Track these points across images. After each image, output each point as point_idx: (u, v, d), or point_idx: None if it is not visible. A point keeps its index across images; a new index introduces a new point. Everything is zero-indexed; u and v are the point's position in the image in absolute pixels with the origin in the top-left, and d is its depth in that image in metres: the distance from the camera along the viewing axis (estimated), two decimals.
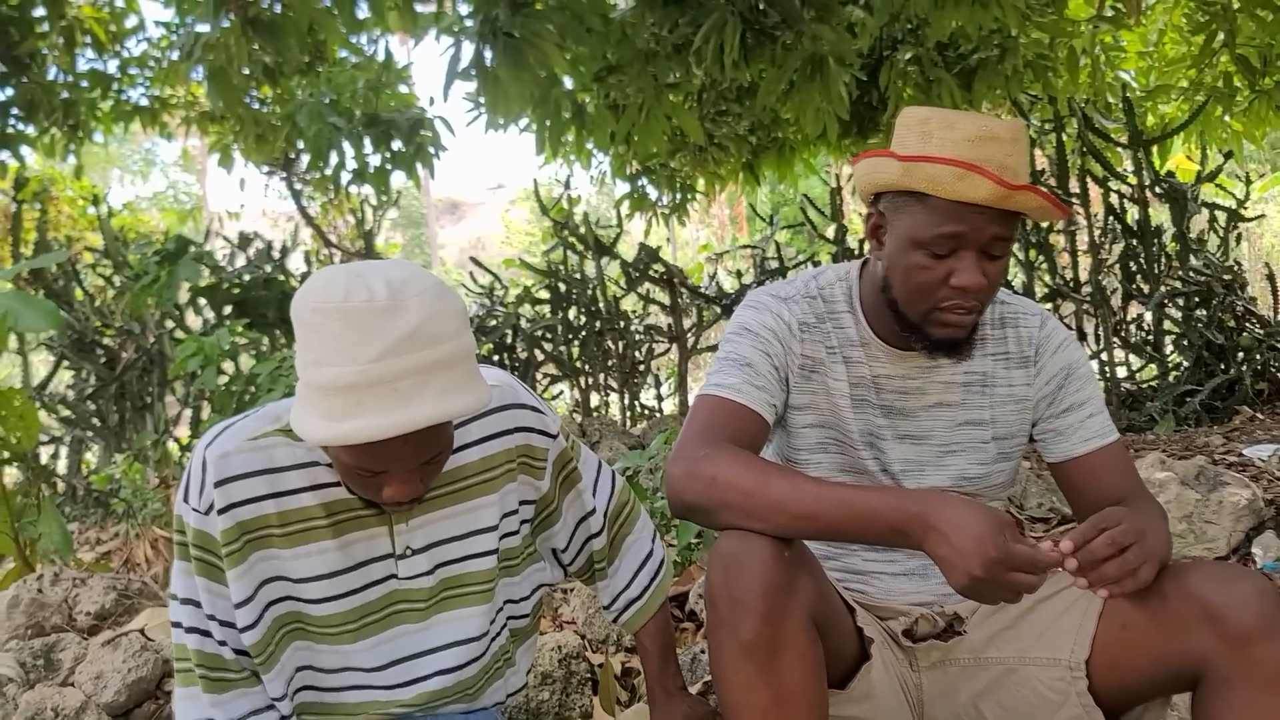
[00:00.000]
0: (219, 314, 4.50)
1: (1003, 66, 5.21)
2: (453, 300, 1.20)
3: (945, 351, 1.49)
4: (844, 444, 1.57)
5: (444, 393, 1.15)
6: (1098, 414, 1.57)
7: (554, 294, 6.31)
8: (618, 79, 4.78)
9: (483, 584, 1.43)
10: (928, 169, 1.38)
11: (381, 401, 1.12)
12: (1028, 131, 1.47)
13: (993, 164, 1.36)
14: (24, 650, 2.20)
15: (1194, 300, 5.17)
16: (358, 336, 1.12)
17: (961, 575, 1.19)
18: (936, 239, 1.40)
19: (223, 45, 3.63)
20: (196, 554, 1.32)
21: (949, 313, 1.44)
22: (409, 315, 1.13)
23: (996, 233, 1.40)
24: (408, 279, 1.17)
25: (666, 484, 1.40)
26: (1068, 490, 1.58)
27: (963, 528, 1.19)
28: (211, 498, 1.30)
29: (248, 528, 1.31)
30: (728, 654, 1.29)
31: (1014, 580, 1.18)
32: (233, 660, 1.36)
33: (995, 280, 1.44)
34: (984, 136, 1.37)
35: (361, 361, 1.12)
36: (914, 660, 1.57)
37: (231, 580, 1.31)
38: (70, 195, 6.91)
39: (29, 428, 3.31)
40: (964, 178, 1.35)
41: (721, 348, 1.56)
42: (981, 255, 1.41)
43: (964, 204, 1.37)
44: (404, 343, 1.13)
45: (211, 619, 1.34)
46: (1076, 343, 1.63)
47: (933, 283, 1.42)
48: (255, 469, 1.31)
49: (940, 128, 1.40)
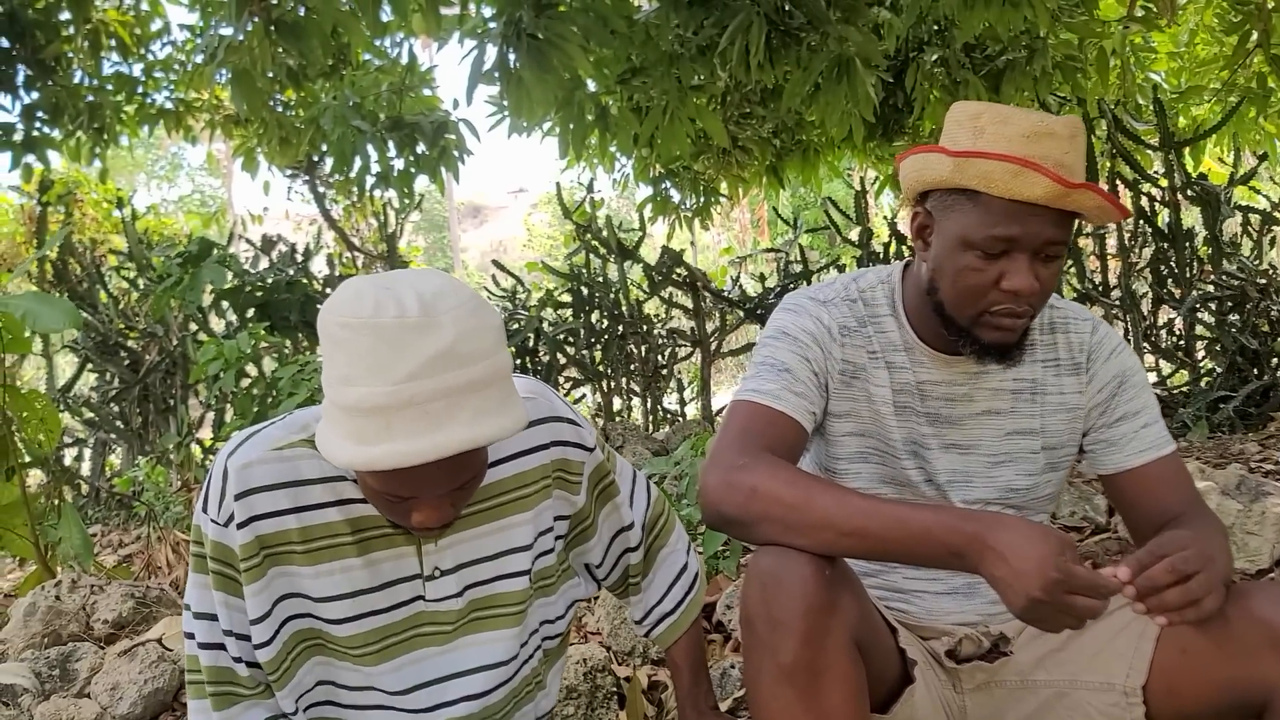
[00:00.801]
0: (241, 317, 4.48)
1: (1031, 68, 5.13)
2: (488, 315, 1.14)
3: (995, 357, 1.43)
4: (885, 454, 1.50)
5: (479, 415, 1.09)
6: (1153, 424, 1.50)
7: (576, 297, 6.26)
8: (642, 81, 4.73)
9: (514, 606, 1.37)
10: (981, 165, 1.31)
11: (412, 425, 1.06)
12: (1084, 126, 1.39)
13: (1049, 161, 1.30)
14: (39, 660, 2.16)
15: (1227, 304, 5.06)
16: (387, 354, 1.06)
17: (1020, 597, 1.13)
18: (989, 240, 1.33)
19: (246, 48, 3.61)
20: (214, 567, 1.27)
21: (1000, 316, 1.37)
22: (442, 332, 1.07)
23: (1052, 235, 1.33)
24: (440, 292, 1.11)
25: (701, 494, 1.34)
26: (1121, 504, 1.51)
27: (1022, 549, 1.13)
28: (231, 510, 1.25)
29: (268, 542, 1.26)
30: (766, 678, 1.23)
31: (1075, 604, 1.12)
32: (246, 676, 1.31)
33: (1049, 284, 1.37)
34: (1040, 132, 1.31)
35: (391, 382, 1.06)
36: (957, 682, 1.51)
37: (249, 595, 1.27)
38: (95, 198, 6.94)
39: (50, 430, 3.30)
40: (1019, 175, 1.29)
41: (758, 351, 1.50)
42: (1035, 258, 1.35)
43: (1019, 203, 1.31)
44: (436, 362, 1.06)
45: (229, 634, 1.29)
46: (1130, 349, 1.56)
47: (983, 285, 1.36)
48: (279, 481, 1.26)
49: (993, 123, 1.34)
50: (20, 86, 5.10)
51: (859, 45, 4.43)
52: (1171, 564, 1.15)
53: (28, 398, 3.21)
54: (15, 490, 3.19)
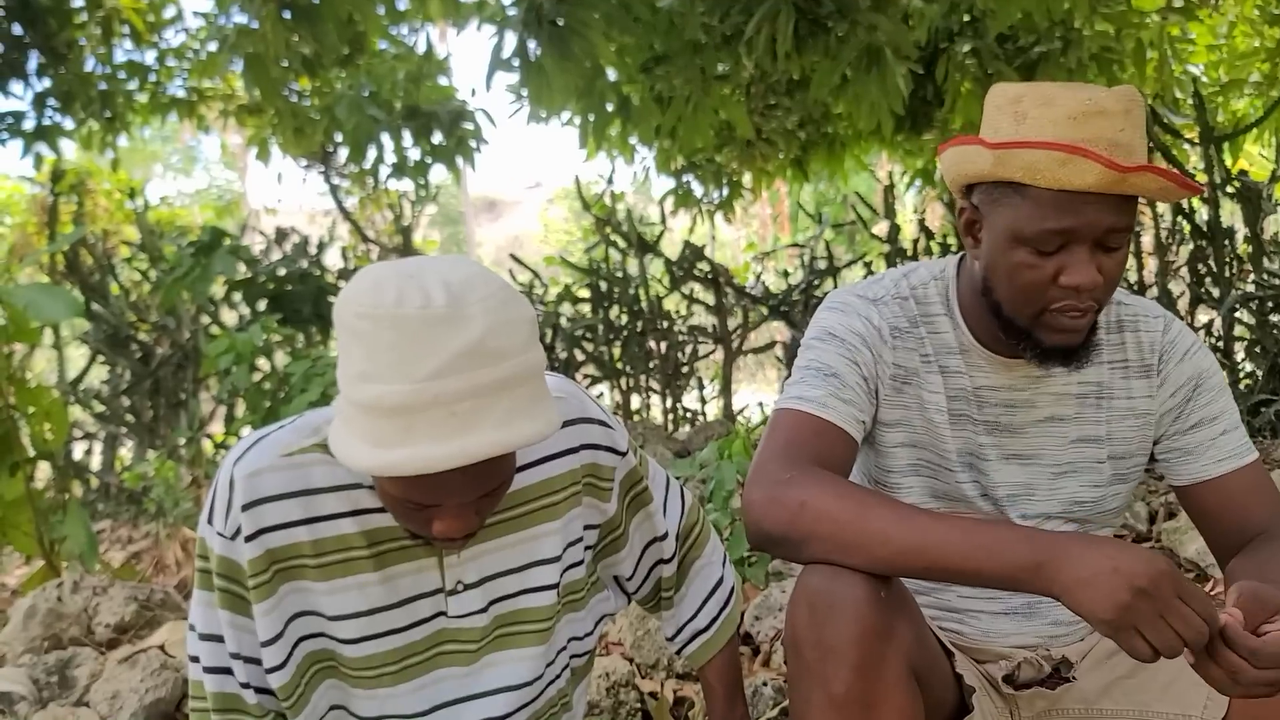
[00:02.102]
0: (253, 309, 4.39)
1: (1066, 59, 4.99)
2: (520, 307, 1.03)
3: (1059, 359, 1.30)
4: (939, 466, 1.38)
5: (509, 417, 0.99)
6: (1232, 430, 1.37)
7: (595, 293, 6.17)
8: (664, 70, 4.63)
9: (541, 622, 1.27)
10: (1024, 155, 1.19)
11: (436, 427, 0.97)
12: (1141, 97, 1.25)
13: (1101, 143, 1.17)
14: (38, 666, 2.07)
15: (1268, 305, 4.91)
16: (410, 349, 0.97)
17: (1120, 591, 0.99)
18: (1042, 234, 1.21)
19: (260, 33, 3.51)
20: (220, 584, 1.17)
21: (1062, 315, 1.25)
22: (470, 326, 0.98)
23: (1113, 223, 1.20)
24: (469, 282, 1.00)
25: (745, 511, 1.22)
26: (1199, 517, 1.38)
27: (1113, 550, 1.02)
28: (239, 522, 1.14)
29: (278, 556, 1.15)
30: (815, 709, 1.12)
31: (1184, 610, 0.98)
32: (254, 704, 1.20)
33: (1113, 276, 1.24)
34: (1088, 112, 1.18)
35: (414, 380, 0.96)
36: (1015, 709, 1.39)
37: (258, 615, 1.16)
38: (107, 189, 6.88)
39: (58, 426, 3.22)
40: (1067, 163, 1.16)
41: (803, 354, 1.37)
42: (1096, 248, 1.22)
43: (1071, 193, 1.19)
44: (464, 358, 0.97)
45: (235, 657, 1.18)
46: (1206, 349, 1.43)
47: (1041, 282, 1.23)
48: (289, 490, 1.15)
49: (1036, 105, 1.21)
50: (32, 74, 5.04)
51: (889, 34, 4.31)
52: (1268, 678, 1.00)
53: (35, 392, 3.13)
54: (20, 486, 3.11)
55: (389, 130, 4.51)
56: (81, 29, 4.98)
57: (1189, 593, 0.99)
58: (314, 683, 1.22)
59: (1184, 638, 0.99)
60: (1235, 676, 0.99)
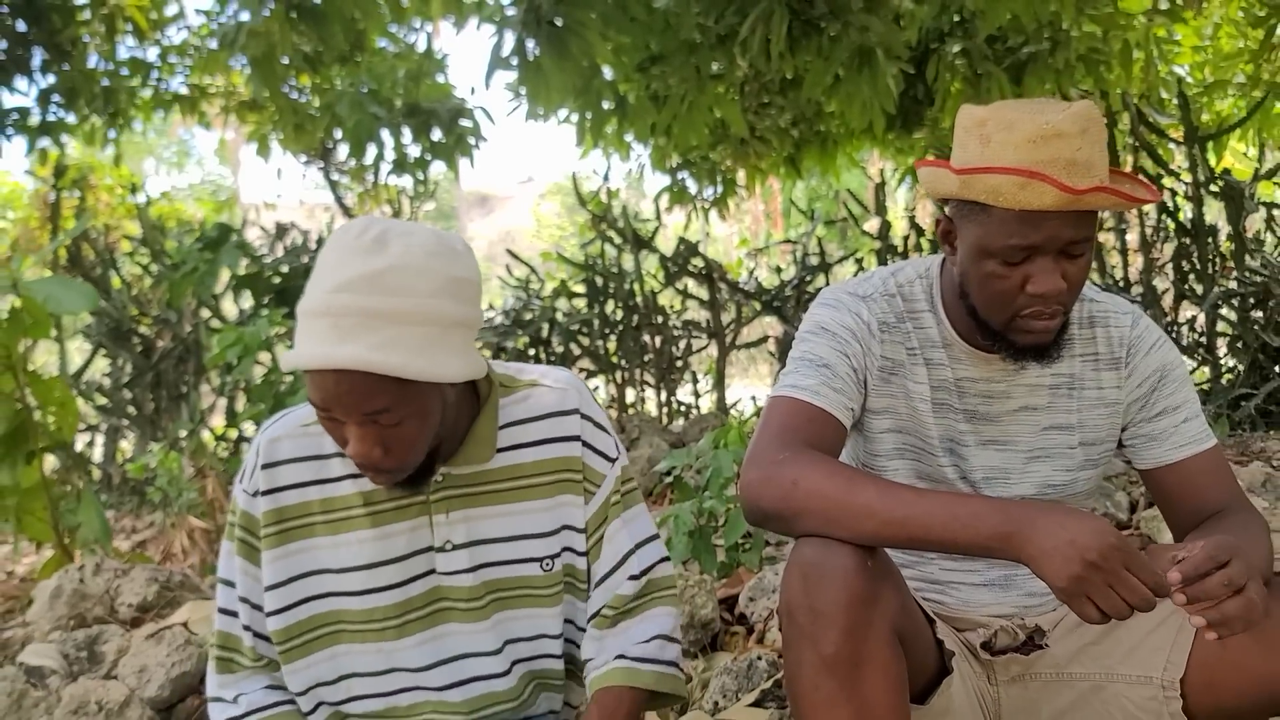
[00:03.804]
0: (259, 303, 4.49)
1: (1054, 60, 5.11)
2: (449, 265, 1.17)
3: (1032, 357, 1.42)
4: (922, 450, 1.49)
5: (385, 344, 1.11)
6: (1194, 418, 1.48)
7: (591, 288, 6.26)
8: (660, 69, 4.72)
9: (544, 589, 1.37)
10: (987, 180, 1.30)
11: (323, 334, 1.11)
12: (1098, 111, 1.35)
13: (1059, 164, 1.27)
14: (67, 642, 2.17)
15: (1250, 301, 5.03)
16: (331, 267, 1.14)
17: (1074, 563, 1.10)
18: (1007, 249, 1.32)
19: (266, 33, 3.60)
20: (239, 534, 1.33)
21: (1031, 320, 1.36)
22: (381, 259, 1.12)
23: (1072, 236, 1.31)
24: (412, 233, 1.16)
25: (742, 490, 1.33)
26: (1161, 498, 1.50)
27: (1073, 521, 1.12)
28: (258, 481, 1.31)
29: (288, 514, 1.31)
30: (808, 668, 1.22)
31: (1130, 580, 1.09)
32: (249, 646, 1.35)
33: (1077, 280, 1.35)
34: (1046, 135, 1.28)
35: (322, 290, 1.13)
36: (992, 674, 1.50)
37: (265, 562, 1.31)
38: (109, 184, 6.95)
39: (69, 417, 3.32)
40: (1026, 186, 1.27)
41: (797, 347, 1.48)
42: (1060, 257, 1.33)
43: (1037, 212, 1.29)
44: (362, 281, 1.11)
45: (243, 601, 1.34)
46: (1171, 344, 1.54)
47: (1009, 291, 1.35)
48: (303, 455, 1.32)
49: (998, 130, 1.31)
50: (36, 70, 5.11)
51: (881, 35, 4.41)
52: (1228, 576, 1.11)
53: (48, 384, 3.22)
54: (35, 474, 3.21)
55: (389, 127, 4.60)
56: (85, 26, 5.05)
57: (1137, 564, 1.10)
58: (317, 644, 1.33)
59: (1130, 604, 1.10)
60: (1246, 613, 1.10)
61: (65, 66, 5.07)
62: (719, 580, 2.63)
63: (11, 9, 4.89)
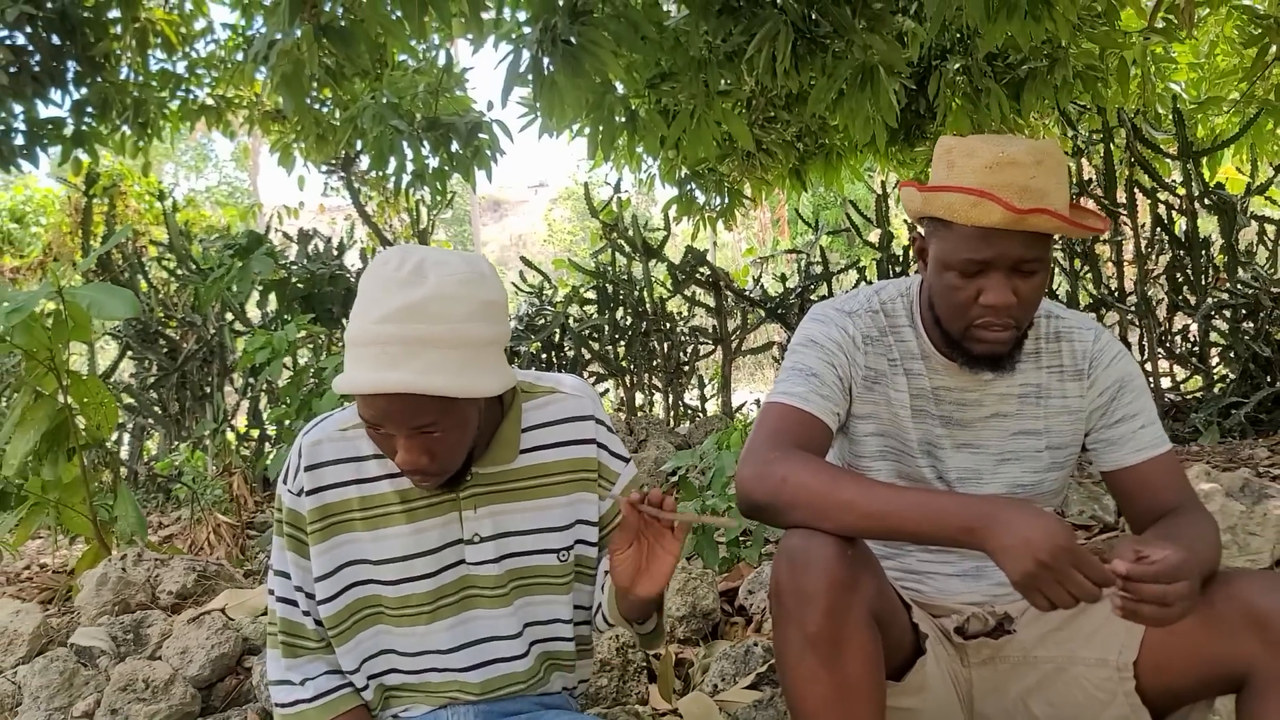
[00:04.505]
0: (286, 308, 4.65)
1: (1052, 77, 5.24)
2: (480, 291, 1.29)
3: (987, 366, 1.57)
4: (903, 452, 1.65)
5: (428, 368, 1.23)
6: (1150, 425, 1.63)
7: (602, 294, 6.41)
8: (670, 86, 4.87)
9: (558, 578, 1.52)
10: (944, 198, 1.47)
11: (373, 360, 1.24)
12: (1059, 150, 1.51)
13: (1012, 188, 1.44)
14: (115, 625, 2.34)
15: (1241, 312, 5.16)
16: (375, 299, 1.25)
17: (1027, 561, 1.24)
18: (963, 262, 1.49)
19: (294, 52, 3.77)
20: (288, 530, 1.47)
21: (984, 330, 1.52)
22: (419, 290, 1.24)
23: (1021, 255, 1.47)
24: (445, 262, 1.28)
25: (737, 485, 1.49)
26: (1120, 497, 1.65)
27: (1029, 522, 1.26)
28: (302, 481, 1.45)
29: (331, 510, 1.45)
30: (793, 645, 1.37)
31: (1076, 577, 1.23)
32: (312, 631, 1.49)
33: (1028, 297, 1.51)
34: (1001, 162, 1.45)
35: (368, 320, 1.24)
36: (965, 657, 1.65)
37: (314, 555, 1.45)
38: (137, 190, 7.14)
39: (107, 416, 3.47)
40: (977, 204, 1.44)
41: (788, 358, 1.64)
42: (1013, 273, 1.49)
43: (985, 229, 1.46)
44: (405, 311, 1.23)
45: (299, 590, 1.48)
46: (1130, 357, 1.70)
47: (965, 302, 1.51)
48: (342, 457, 1.45)
49: (961, 156, 1.49)
50: (70, 82, 5.28)
51: (883, 53, 4.55)
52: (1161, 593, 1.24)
53: (88, 384, 3.37)
54: (75, 470, 3.36)
55: (409, 140, 4.76)
56: (118, 40, 5.23)
57: (1084, 563, 1.24)
58: (361, 625, 1.49)
59: (1076, 597, 1.25)
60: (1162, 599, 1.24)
61: (98, 79, 5.25)
62: (720, 574, 2.79)
63: (47, 24, 5.07)
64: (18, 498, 3.49)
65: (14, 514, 3.49)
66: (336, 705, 1.49)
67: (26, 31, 5.01)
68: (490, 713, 1.52)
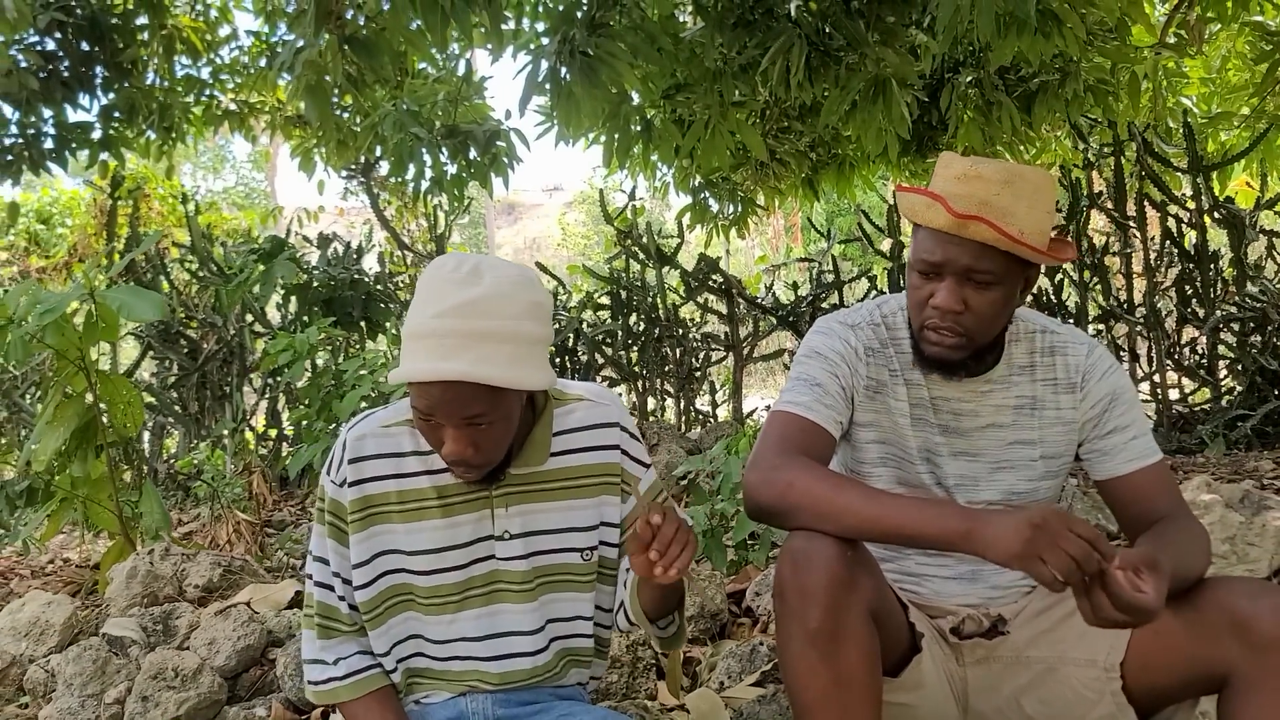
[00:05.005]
0: (307, 311, 4.75)
1: (1063, 91, 5.28)
2: (530, 293, 1.39)
3: (936, 369, 1.67)
4: (902, 459, 1.72)
5: (481, 360, 1.33)
6: (1141, 436, 1.70)
7: (615, 300, 6.49)
8: (685, 96, 4.94)
9: (583, 576, 1.60)
10: (909, 198, 1.58)
11: (429, 351, 1.33)
12: (1044, 181, 1.57)
13: (971, 199, 1.52)
14: (145, 616, 2.43)
15: (1249, 325, 5.21)
16: (434, 295, 1.35)
17: (1022, 530, 1.29)
18: (919, 261, 1.60)
19: (319, 61, 3.86)
20: (329, 519, 1.56)
21: (933, 332, 1.62)
22: (475, 289, 1.34)
23: (970, 263, 1.55)
24: (497, 267, 1.39)
25: (744, 488, 1.57)
26: (1113, 505, 1.72)
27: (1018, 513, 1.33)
28: (345, 473, 1.53)
29: (371, 502, 1.54)
30: (795, 640, 1.44)
31: (1071, 536, 1.28)
32: (346, 614, 1.58)
33: (980, 310, 1.58)
34: (969, 175, 1.55)
35: (426, 315, 1.34)
36: (960, 656, 1.72)
37: (353, 544, 1.54)
38: (161, 193, 7.26)
39: (134, 414, 3.57)
40: (930, 206, 1.54)
41: (794, 368, 1.72)
42: (965, 282, 1.57)
43: (940, 233, 1.55)
44: (461, 308, 1.33)
45: (336, 576, 1.57)
46: (1122, 370, 1.77)
47: (920, 301, 1.62)
48: (383, 452, 1.54)
49: (941, 167, 1.60)
50: (98, 87, 5.40)
51: (895, 66, 4.62)
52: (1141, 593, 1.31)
53: (116, 383, 3.47)
54: (102, 467, 3.47)
55: (428, 147, 4.86)
56: (145, 46, 5.34)
57: (1079, 526, 1.30)
58: (393, 611, 1.57)
59: (1076, 558, 1.28)
60: (1096, 611, 1.32)
61: (125, 84, 5.36)
62: (728, 576, 2.86)
63: (76, 30, 5.19)
64: (45, 493, 3.59)
65: (43, 509, 3.60)
66: (366, 684, 1.57)
67: (56, 38, 5.13)
68: (507, 701, 1.60)
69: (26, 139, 5.21)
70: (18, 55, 4.93)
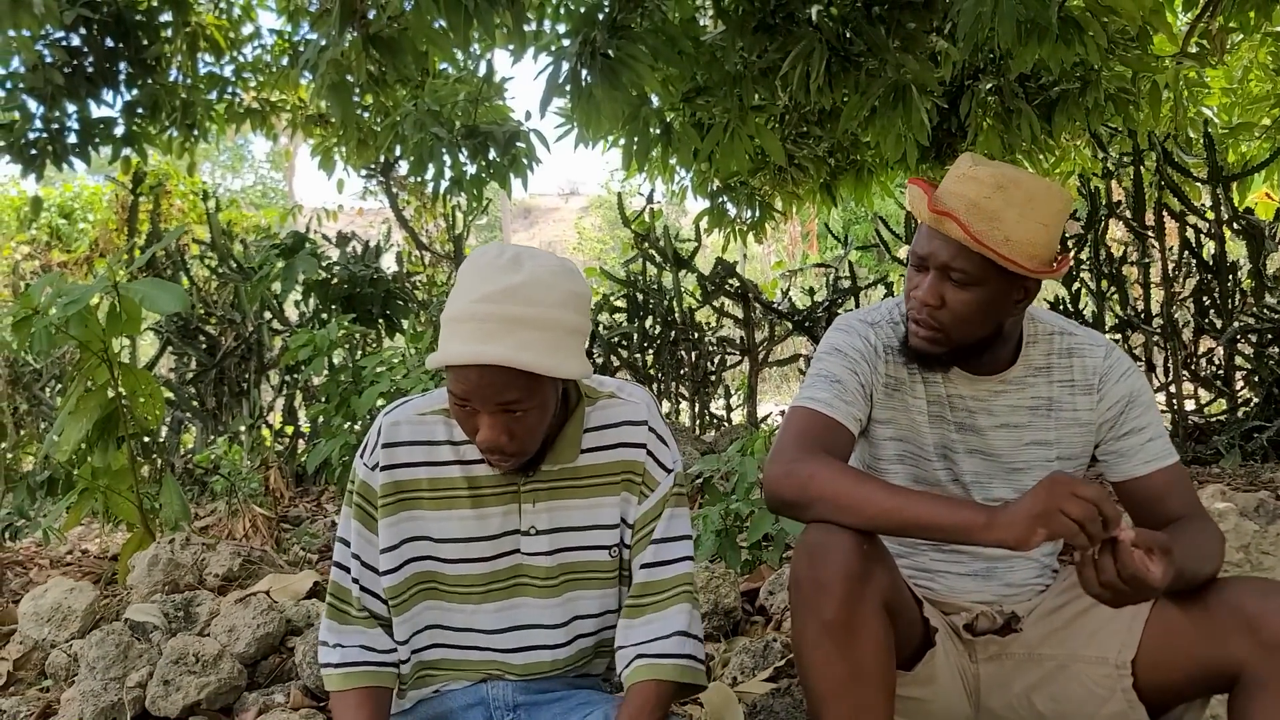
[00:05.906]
0: (328, 308, 4.79)
1: (1084, 99, 5.27)
2: (569, 282, 1.40)
3: (916, 360, 1.70)
4: (919, 456, 1.74)
5: (520, 345, 1.33)
6: (1158, 438, 1.71)
7: (632, 303, 6.52)
8: (705, 100, 4.96)
9: (605, 574, 1.60)
10: (910, 188, 1.63)
11: (470, 334, 1.34)
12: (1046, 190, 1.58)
13: (961, 199, 1.56)
14: (167, 603, 2.46)
15: (1267, 337, 5.20)
16: (476, 281, 1.36)
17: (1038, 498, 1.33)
18: (912, 254, 1.64)
19: (343, 60, 3.90)
20: (358, 501, 1.57)
21: (913, 322, 1.66)
22: (517, 276, 1.35)
23: (947, 260, 1.58)
24: (538, 256, 1.41)
25: (765, 484, 1.59)
26: (1129, 507, 1.72)
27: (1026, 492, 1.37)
28: (378, 457, 1.55)
29: (402, 487, 1.55)
30: (810, 632, 1.46)
31: (1081, 488, 1.31)
32: (355, 598, 1.58)
33: (954, 307, 1.60)
34: (965, 176, 1.59)
35: (469, 300, 1.35)
36: (973, 652, 1.73)
37: (381, 529, 1.55)
38: (182, 190, 7.33)
39: (156, 407, 3.61)
40: (919, 198, 1.59)
41: (814, 365, 1.74)
42: (945, 278, 1.60)
43: (928, 226, 1.60)
44: (502, 293, 1.34)
45: (355, 558, 1.58)
46: (1139, 372, 1.78)
47: (907, 291, 1.67)
48: (417, 439, 1.55)
49: (954, 165, 1.65)
50: (122, 83, 5.46)
51: (915, 73, 4.63)
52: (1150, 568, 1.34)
53: (139, 376, 3.51)
54: (124, 459, 3.50)
55: (448, 147, 4.89)
56: (169, 44, 5.40)
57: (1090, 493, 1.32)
58: (417, 598, 1.59)
59: (1094, 502, 1.31)
60: (1100, 573, 1.34)
61: (149, 80, 5.42)
62: (742, 575, 2.88)
63: (101, 26, 5.25)
64: (66, 483, 3.64)
65: (63, 500, 3.64)
66: (356, 678, 1.56)
67: (81, 34, 5.19)
68: (529, 688, 1.62)
69: (50, 133, 5.27)
70: (43, 50, 4.99)
